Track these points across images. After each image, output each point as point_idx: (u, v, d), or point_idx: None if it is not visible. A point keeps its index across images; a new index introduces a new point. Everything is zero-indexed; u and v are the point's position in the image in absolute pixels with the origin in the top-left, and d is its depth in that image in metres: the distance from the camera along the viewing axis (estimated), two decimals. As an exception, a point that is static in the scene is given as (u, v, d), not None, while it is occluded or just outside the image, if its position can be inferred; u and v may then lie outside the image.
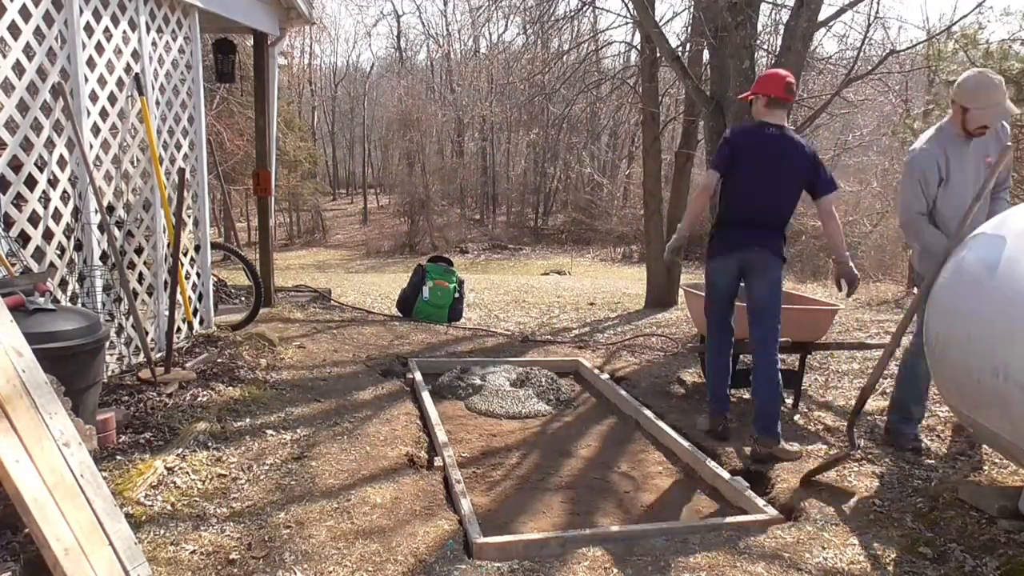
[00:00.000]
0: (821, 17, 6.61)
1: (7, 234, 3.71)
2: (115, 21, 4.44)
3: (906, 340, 3.83)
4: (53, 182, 4.01)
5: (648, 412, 4.49)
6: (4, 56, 3.71)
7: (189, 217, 5.26)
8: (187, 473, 3.30)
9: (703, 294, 4.74)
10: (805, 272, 14.13)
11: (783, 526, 3.04)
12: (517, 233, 27.99)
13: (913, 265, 4.13)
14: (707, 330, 4.25)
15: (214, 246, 6.02)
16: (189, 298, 5.24)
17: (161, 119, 4.93)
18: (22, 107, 3.80)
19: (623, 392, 4.95)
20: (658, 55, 8.58)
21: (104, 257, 4.34)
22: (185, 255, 5.19)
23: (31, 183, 3.86)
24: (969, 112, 3.57)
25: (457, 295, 7.50)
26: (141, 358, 4.61)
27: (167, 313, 4.78)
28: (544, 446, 4.14)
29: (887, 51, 8.04)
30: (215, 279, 6.06)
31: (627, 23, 13.58)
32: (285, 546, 2.76)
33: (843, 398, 4.78)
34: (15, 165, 3.78)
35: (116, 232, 4.45)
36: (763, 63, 10.36)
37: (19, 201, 3.83)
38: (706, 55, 7.89)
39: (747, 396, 4.89)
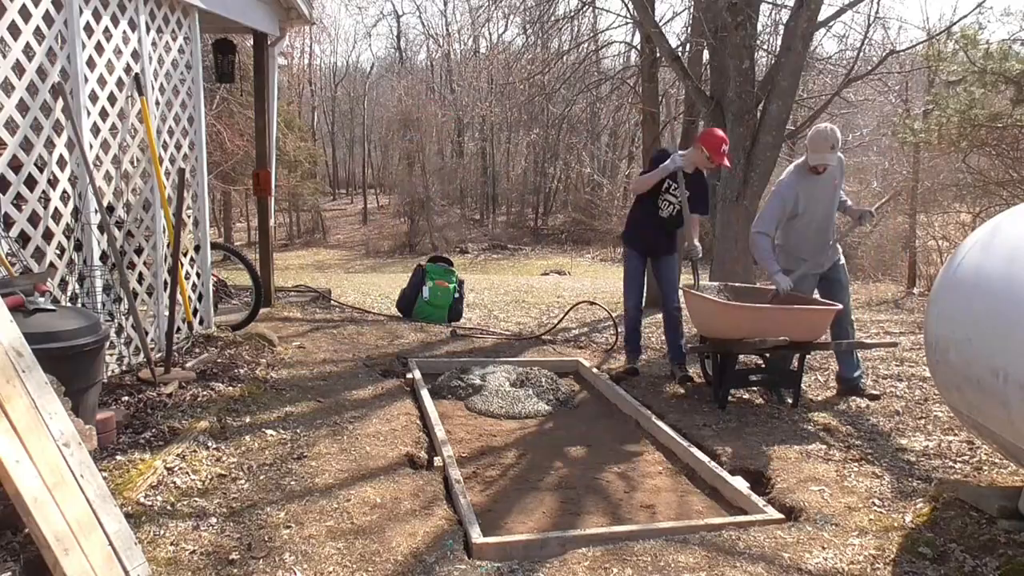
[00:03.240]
0: (821, 17, 6.62)
1: (7, 234, 3.71)
2: (115, 21, 4.44)
3: (906, 341, 3.83)
4: (53, 182, 4.01)
5: (648, 412, 4.49)
6: (4, 56, 3.71)
7: (189, 217, 5.26)
8: (187, 473, 3.30)
9: (702, 294, 4.74)
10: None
11: (783, 526, 3.04)
12: (517, 233, 28.01)
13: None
14: None
15: (214, 246, 6.02)
16: (189, 298, 5.24)
17: (161, 119, 4.93)
18: (22, 107, 3.80)
19: (623, 392, 4.95)
20: (658, 55, 8.58)
21: (104, 257, 4.34)
22: (185, 255, 5.19)
23: (31, 183, 3.86)
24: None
25: (457, 295, 7.49)
26: (141, 358, 4.61)
27: (167, 313, 4.78)
28: (543, 446, 4.13)
29: (887, 51, 8.06)
30: (215, 279, 6.06)
31: (627, 23, 13.58)
32: (285, 546, 2.76)
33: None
34: (15, 165, 3.78)
35: (116, 232, 4.45)
36: (763, 63, 10.36)
37: (19, 201, 3.83)
38: (706, 55, 7.89)
39: (746, 396, 4.89)
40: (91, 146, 4.26)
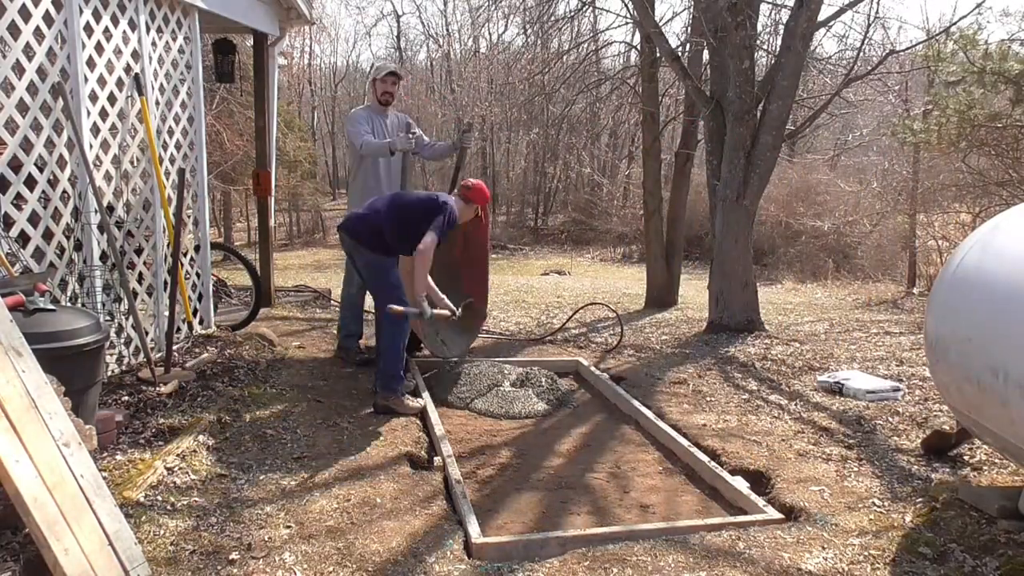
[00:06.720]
0: (821, 17, 6.62)
1: (7, 234, 3.71)
2: (115, 21, 4.44)
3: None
4: (53, 182, 4.01)
5: (648, 412, 4.49)
6: (4, 56, 3.71)
7: (189, 217, 5.26)
8: (187, 473, 3.30)
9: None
10: (805, 272, 14.10)
11: (783, 526, 3.04)
12: (517, 233, 27.94)
13: None
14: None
15: (214, 246, 6.02)
16: (189, 298, 5.24)
17: (161, 119, 4.93)
18: (22, 107, 3.80)
19: (622, 392, 4.94)
20: (658, 55, 8.58)
21: (104, 257, 4.34)
22: (185, 255, 5.19)
23: (31, 183, 3.86)
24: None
25: (457, 295, 7.48)
26: (141, 358, 4.61)
27: (167, 313, 4.78)
28: (543, 446, 4.13)
29: (887, 51, 8.05)
30: (215, 279, 6.06)
31: (627, 23, 13.58)
32: (285, 546, 2.76)
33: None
34: (15, 165, 3.79)
35: (116, 232, 4.45)
36: (763, 63, 10.36)
37: (19, 201, 3.83)
38: (706, 55, 7.89)
39: (746, 395, 4.89)
40: (91, 146, 4.27)
